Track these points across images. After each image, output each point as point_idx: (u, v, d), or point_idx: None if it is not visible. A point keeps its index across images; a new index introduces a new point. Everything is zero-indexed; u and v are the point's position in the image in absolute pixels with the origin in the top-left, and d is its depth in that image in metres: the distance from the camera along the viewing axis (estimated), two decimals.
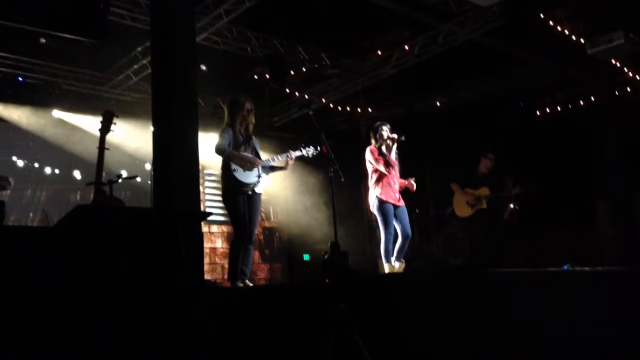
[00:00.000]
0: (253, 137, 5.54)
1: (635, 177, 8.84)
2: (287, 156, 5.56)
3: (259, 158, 5.47)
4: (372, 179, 6.10)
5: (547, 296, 4.13)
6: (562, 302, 4.13)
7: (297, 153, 5.66)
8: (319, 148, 5.66)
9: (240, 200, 5.25)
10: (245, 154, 5.37)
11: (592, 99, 9.88)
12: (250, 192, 5.32)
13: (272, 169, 5.59)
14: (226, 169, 5.27)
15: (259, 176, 5.38)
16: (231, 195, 5.28)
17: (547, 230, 9.11)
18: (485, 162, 8.02)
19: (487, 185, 7.85)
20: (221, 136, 5.31)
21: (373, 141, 6.20)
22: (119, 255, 3.12)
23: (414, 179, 6.18)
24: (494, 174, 8.00)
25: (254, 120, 5.52)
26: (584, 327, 4.04)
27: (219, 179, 11.00)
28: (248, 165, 5.29)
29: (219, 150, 5.25)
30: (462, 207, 8.03)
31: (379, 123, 6.28)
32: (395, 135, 6.08)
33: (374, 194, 6.02)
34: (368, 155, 6.14)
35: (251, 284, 5.41)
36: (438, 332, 3.46)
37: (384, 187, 5.99)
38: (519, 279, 4.36)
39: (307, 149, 5.72)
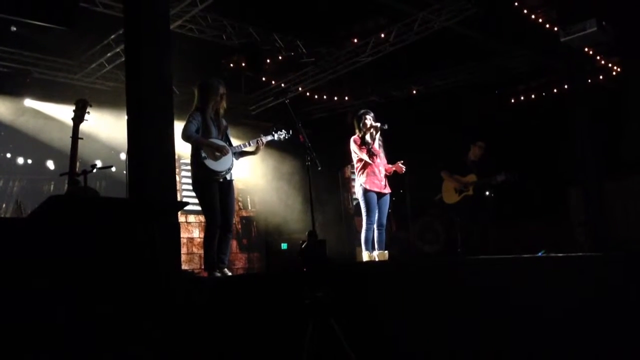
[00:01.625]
0: (224, 122, 5.44)
1: (607, 165, 9.00)
2: (258, 141, 5.49)
3: (230, 144, 5.38)
4: (356, 168, 6.18)
5: (524, 281, 4.19)
6: (538, 287, 4.19)
7: (269, 137, 5.59)
8: (291, 131, 5.64)
9: (211, 188, 5.14)
10: (215, 140, 5.25)
11: (565, 87, 10.00)
12: (222, 180, 5.22)
13: (242, 154, 5.50)
14: (196, 157, 5.15)
15: (232, 163, 5.29)
16: (202, 183, 5.17)
17: (522, 217, 9.23)
18: (475, 149, 8.14)
19: (475, 172, 7.96)
20: (188, 121, 5.18)
21: (357, 130, 6.25)
22: (93, 246, 3.08)
23: (402, 162, 6.23)
24: (483, 161, 8.10)
25: (225, 105, 5.42)
26: (560, 310, 4.11)
27: None
28: (217, 154, 5.18)
29: (184, 136, 5.13)
30: (450, 194, 8.17)
31: (362, 111, 6.32)
32: (378, 124, 6.13)
33: (359, 182, 6.12)
34: (352, 145, 6.20)
35: (230, 273, 5.39)
36: (416, 319, 3.50)
37: (368, 175, 6.06)
38: (496, 265, 4.41)
39: (279, 132, 5.66)
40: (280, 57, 9.49)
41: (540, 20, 8.59)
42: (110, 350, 2.98)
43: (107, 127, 8.85)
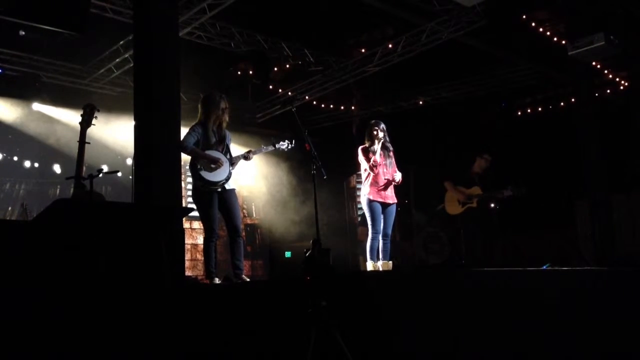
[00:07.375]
0: (227, 134, 5.50)
1: (614, 178, 8.95)
2: (247, 156, 5.54)
3: (231, 155, 5.44)
4: (363, 177, 6.18)
5: (527, 294, 4.17)
6: (542, 300, 4.17)
7: (270, 148, 5.77)
8: (294, 141, 5.72)
9: (209, 198, 5.23)
10: (212, 152, 5.30)
11: (573, 100, 9.98)
12: (220, 190, 5.29)
13: (232, 162, 5.49)
14: (193, 168, 5.24)
15: (228, 174, 5.33)
16: (200, 194, 5.26)
17: (528, 230, 9.18)
18: (480, 162, 8.04)
19: (480, 184, 7.89)
20: (188, 133, 5.28)
21: (366, 139, 6.26)
22: (98, 250, 3.09)
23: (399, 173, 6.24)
24: (487, 174, 8.03)
25: (227, 119, 5.47)
26: (564, 324, 4.09)
27: None
28: (212, 166, 5.24)
29: (181, 147, 5.22)
30: (452, 205, 8.05)
31: (372, 122, 6.33)
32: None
33: (363, 192, 6.12)
34: (359, 154, 6.20)
35: (248, 279, 5.40)
36: (419, 329, 3.49)
37: (372, 185, 6.06)
38: (501, 278, 4.39)
39: (281, 143, 5.78)
40: (287, 66, 9.53)
41: (548, 33, 8.60)
42: (112, 348, 2.98)
43: (114, 132, 8.89)
